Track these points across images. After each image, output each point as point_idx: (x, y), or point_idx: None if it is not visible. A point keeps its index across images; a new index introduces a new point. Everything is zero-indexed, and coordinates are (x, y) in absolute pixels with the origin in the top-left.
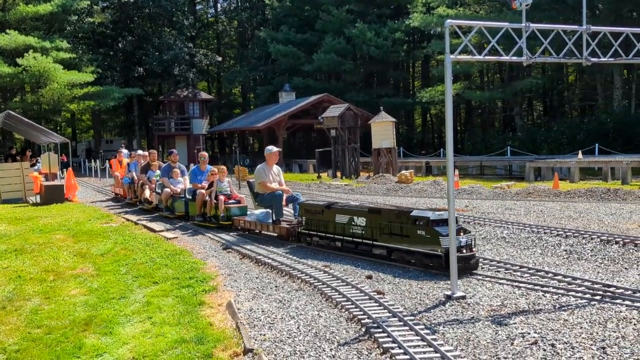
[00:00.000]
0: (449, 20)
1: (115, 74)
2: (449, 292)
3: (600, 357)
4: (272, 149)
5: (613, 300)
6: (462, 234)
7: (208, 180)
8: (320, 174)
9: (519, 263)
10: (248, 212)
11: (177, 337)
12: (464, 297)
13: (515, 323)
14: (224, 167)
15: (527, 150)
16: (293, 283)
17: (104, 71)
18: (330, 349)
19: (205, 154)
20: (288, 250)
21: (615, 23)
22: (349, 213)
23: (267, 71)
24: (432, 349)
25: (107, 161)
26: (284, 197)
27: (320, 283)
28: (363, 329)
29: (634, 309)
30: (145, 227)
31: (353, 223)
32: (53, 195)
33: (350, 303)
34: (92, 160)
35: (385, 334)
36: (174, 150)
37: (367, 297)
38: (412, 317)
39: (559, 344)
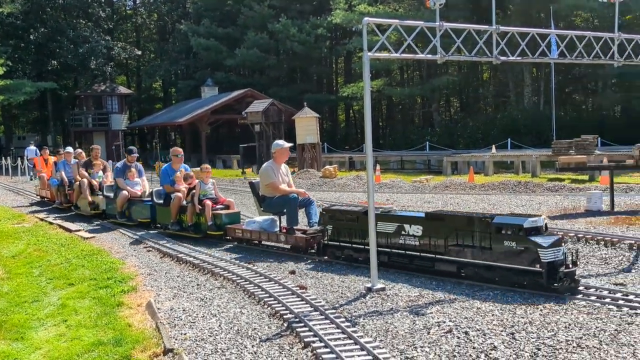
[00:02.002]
0: (366, 19)
1: (27, 67)
2: (369, 285)
3: (510, 342)
4: (283, 144)
5: (522, 289)
6: (563, 244)
7: (176, 180)
8: (245, 170)
9: None
10: (246, 220)
11: (93, 339)
12: (383, 289)
13: (431, 313)
14: (208, 166)
15: (444, 145)
16: (215, 281)
17: (14, 64)
18: (252, 346)
19: (180, 149)
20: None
21: (525, 24)
22: (396, 220)
23: (188, 65)
24: (352, 341)
25: (19, 158)
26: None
27: (243, 280)
28: (285, 324)
29: (540, 296)
30: (61, 226)
31: (403, 233)
32: None
33: (272, 299)
34: (3, 157)
35: (307, 328)
36: (133, 148)
37: (289, 292)
38: (334, 311)
39: (472, 331)
